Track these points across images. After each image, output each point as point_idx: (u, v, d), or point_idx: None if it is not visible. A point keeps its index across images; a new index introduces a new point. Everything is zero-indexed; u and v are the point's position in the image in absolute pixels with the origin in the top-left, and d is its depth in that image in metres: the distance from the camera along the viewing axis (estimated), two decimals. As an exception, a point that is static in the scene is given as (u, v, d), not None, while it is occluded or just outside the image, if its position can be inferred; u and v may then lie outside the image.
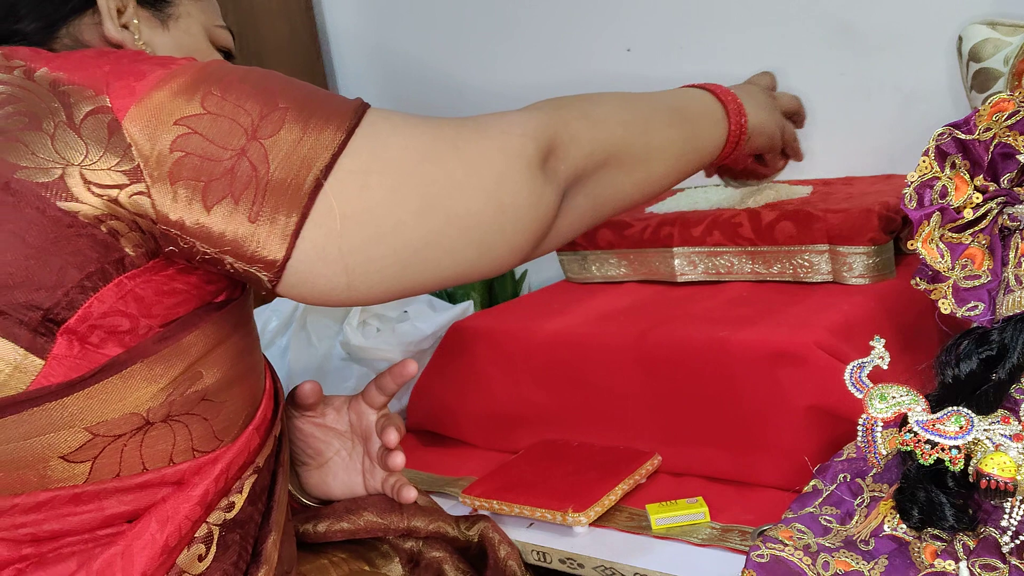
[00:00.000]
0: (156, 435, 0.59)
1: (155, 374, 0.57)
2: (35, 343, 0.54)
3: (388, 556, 0.80)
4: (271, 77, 0.59)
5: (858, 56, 1.19)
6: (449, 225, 0.60)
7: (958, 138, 0.72)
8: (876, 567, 0.60)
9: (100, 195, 0.54)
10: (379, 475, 0.83)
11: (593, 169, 0.69)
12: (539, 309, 1.07)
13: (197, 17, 0.74)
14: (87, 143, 0.54)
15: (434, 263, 0.61)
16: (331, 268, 0.58)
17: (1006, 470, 0.56)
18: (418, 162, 0.59)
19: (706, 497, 0.83)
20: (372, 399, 0.83)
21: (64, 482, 0.57)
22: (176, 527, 0.59)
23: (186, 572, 0.60)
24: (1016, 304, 0.66)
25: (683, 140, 0.78)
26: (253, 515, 0.66)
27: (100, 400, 0.56)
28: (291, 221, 0.55)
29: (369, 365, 1.20)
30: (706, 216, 1.03)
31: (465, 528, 0.82)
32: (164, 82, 0.56)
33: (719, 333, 0.87)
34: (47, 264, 0.53)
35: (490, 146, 0.62)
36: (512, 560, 0.80)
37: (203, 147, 0.54)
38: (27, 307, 0.53)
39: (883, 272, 0.95)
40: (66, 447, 0.56)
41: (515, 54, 1.50)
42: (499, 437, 1.03)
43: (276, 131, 0.56)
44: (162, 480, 0.59)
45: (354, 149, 0.57)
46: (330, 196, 0.56)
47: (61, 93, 0.55)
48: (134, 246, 0.56)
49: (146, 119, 0.54)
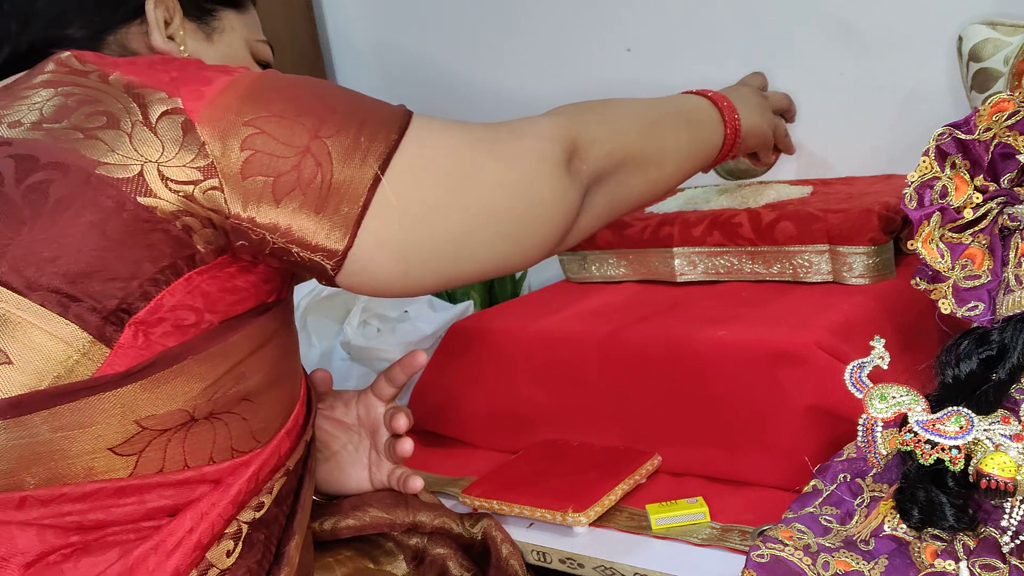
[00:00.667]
0: (198, 432, 0.60)
1: (203, 371, 0.59)
2: (104, 331, 0.56)
3: (392, 554, 0.80)
4: (324, 84, 0.64)
5: (858, 56, 1.19)
6: (489, 219, 0.66)
7: (958, 138, 0.72)
8: (876, 567, 0.60)
9: (176, 191, 0.57)
10: (385, 468, 0.84)
11: (612, 170, 0.74)
12: (539, 309, 1.07)
13: (240, 31, 0.78)
14: (163, 141, 0.57)
15: (475, 255, 0.66)
16: (389, 257, 0.62)
17: (1006, 470, 0.56)
18: (462, 162, 0.65)
19: (706, 497, 0.83)
20: (381, 391, 0.85)
21: (109, 474, 0.58)
22: (210, 524, 0.61)
23: (214, 566, 0.61)
24: (1016, 304, 0.66)
25: (688, 144, 0.84)
26: (278, 517, 0.67)
27: (153, 393, 0.58)
28: (353, 212, 0.60)
29: (369, 365, 1.20)
30: (706, 216, 1.03)
31: (469, 525, 0.83)
32: (230, 87, 0.60)
33: (719, 333, 0.87)
34: (124, 256, 0.56)
35: (523, 148, 0.68)
36: (514, 560, 0.81)
37: (271, 146, 0.59)
38: (103, 296, 0.56)
39: (883, 272, 0.95)
40: (115, 439, 0.57)
41: (516, 55, 1.50)
42: (499, 437, 1.03)
43: (336, 131, 0.60)
44: (202, 478, 0.61)
45: (405, 149, 0.62)
46: (387, 190, 0.61)
47: (136, 95, 0.58)
48: (205, 242, 0.59)
49: (217, 120, 0.58)
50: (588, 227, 0.75)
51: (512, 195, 0.66)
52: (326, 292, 1.28)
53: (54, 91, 0.59)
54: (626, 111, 0.79)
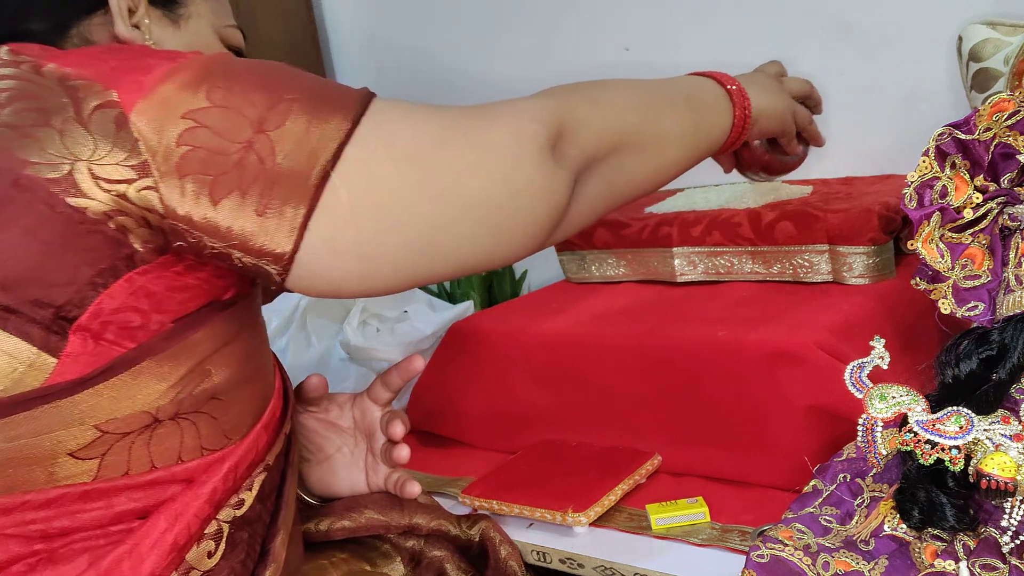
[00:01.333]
0: (164, 433, 0.59)
1: (164, 372, 0.57)
2: (48, 342, 0.54)
3: (389, 556, 0.80)
4: (277, 69, 0.59)
5: (858, 56, 1.19)
6: (463, 210, 0.59)
7: (958, 138, 0.72)
8: (876, 567, 0.60)
9: (108, 190, 0.54)
10: (382, 472, 0.83)
11: (605, 154, 0.69)
12: (539, 309, 1.07)
13: (207, 17, 0.74)
14: (95, 138, 0.54)
15: (450, 250, 0.60)
16: (341, 258, 0.57)
17: (1006, 470, 0.56)
18: (428, 148, 0.59)
19: (706, 497, 0.83)
20: (377, 395, 0.84)
21: (72, 479, 0.57)
22: (185, 525, 0.59)
23: (195, 568, 0.60)
24: (1016, 304, 0.66)
25: (691, 124, 0.78)
26: (262, 514, 0.66)
27: (110, 397, 0.56)
28: (299, 213, 0.55)
29: (369, 365, 1.20)
30: (705, 216, 1.03)
31: (466, 527, 0.83)
32: (170, 76, 0.55)
33: (719, 333, 0.87)
34: (58, 261, 0.53)
35: (501, 131, 0.61)
36: (513, 560, 0.80)
37: (210, 140, 0.54)
38: (38, 304, 0.53)
39: (883, 272, 0.95)
40: (74, 444, 0.56)
41: (515, 50, 1.50)
42: (499, 437, 1.03)
43: (282, 123, 0.55)
44: (172, 478, 0.59)
45: (361, 138, 0.57)
46: (338, 186, 0.56)
47: (70, 88, 0.55)
48: (143, 242, 0.55)
49: (153, 113, 0.54)
50: (582, 217, 0.69)
51: (489, 183, 0.60)
52: (326, 292, 1.28)
53: None
54: (621, 92, 0.73)
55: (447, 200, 0.59)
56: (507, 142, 0.61)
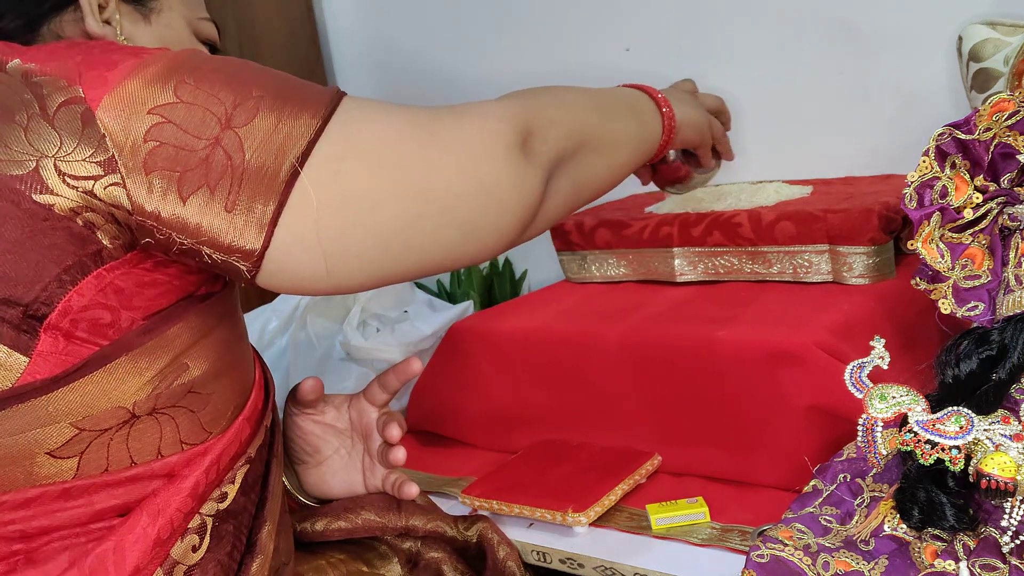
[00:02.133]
0: (142, 428, 0.58)
1: (140, 367, 0.57)
2: (19, 341, 0.54)
3: (386, 557, 0.80)
4: (246, 66, 0.59)
5: (858, 56, 1.19)
6: (428, 207, 0.60)
7: (958, 138, 0.72)
8: (876, 567, 0.60)
9: (75, 187, 0.53)
10: (379, 473, 0.83)
11: (572, 151, 0.70)
12: (539, 309, 1.07)
13: (179, 10, 0.74)
14: (61, 134, 0.53)
15: (416, 247, 0.60)
16: (310, 255, 0.57)
17: (1006, 470, 0.56)
18: (393, 145, 0.59)
19: (706, 497, 0.83)
20: (374, 397, 0.84)
21: (51, 478, 0.56)
22: (168, 520, 0.59)
23: (180, 563, 0.60)
24: (1016, 304, 0.66)
25: (637, 128, 0.81)
26: (247, 506, 0.66)
27: (85, 395, 0.56)
28: (268, 210, 0.55)
29: (369, 365, 1.20)
30: (706, 216, 1.03)
31: (464, 528, 0.82)
32: (137, 71, 0.55)
33: (719, 333, 0.87)
34: (24, 259, 0.53)
35: (467, 129, 0.62)
36: (511, 560, 0.80)
37: (177, 137, 0.54)
38: (6, 303, 0.53)
39: (883, 272, 0.95)
40: (52, 443, 0.56)
41: (515, 53, 1.50)
42: (499, 437, 1.03)
43: (250, 119, 0.55)
44: (152, 473, 0.59)
45: (329, 136, 0.57)
46: (306, 183, 0.56)
47: (34, 84, 0.54)
48: (111, 238, 0.55)
49: (119, 109, 0.54)
50: (554, 214, 0.70)
51: (456, 181, 0.60)
52: (326, 292, 1.28)
53: None
54: (577, 95, 0.76)
55: (414, 198, 0.59)
56: (472, 139, 0.62)
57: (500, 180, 0.62)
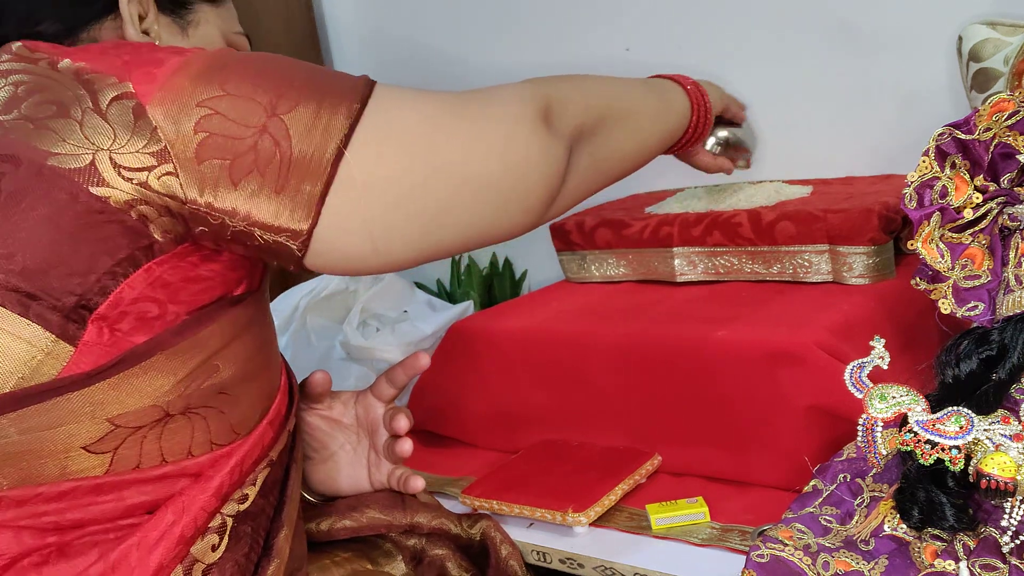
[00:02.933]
0: (175, 427, 0.60)
1: (174, 366, 0.59)
2: (66, 329, 0.55)
3: (391, 554, 0.80)
4: (283, 60, 0.62)
5: (858, 56, 1.19)
6: (463, 186, 0.63)
7: (958, 138, 0.72)
8: (876, 567, 0.60)
9: (130, 179, 0.55)
10: (385, 468, 0.84)
11: (592, 126, 0.74)
12: (539, 309, 1.07)
13: (215, 23, 0.77)
14: (114, 128, 0.55)
15: (452, 225, 0.64)
16: (356, 236, 0.60)
17: (1006, 470, 0.56)
18: (427, 130, 0.63)
19: (706, 497, 0.83)
20: (381, 392, 0.84)
21: (84, 472, 0.57)
22: (192, 518, 0.60)
23: (200, 561, 0.61)
24: (1016, 304, 0.66)
25: (657, 103, 0.85)
26: (265, 508, 0.67)
27: (122, 391, 0.57)
28: (315, 190, 0.58)
29: (369, 365, 1.20)
30: (706, 216, 1.03)
31: (467, 526, 0.83)
32: (183, 67, 0.58)
33: (719, 333, 0.87)
34: (78, 250, 0.55)
35: (493, 112, 0.66)
36: (513, 560, 0.80)
37: (225, 126, 0.57)
38: (61, 292, 0.55)
39: (883, 272, 0.95)
40: (87, 438, 0.57)
41: (515, 47, 1.50)
42: (499, 437, 1.03)
43: (294, 107, 0.58)
44: (182, 472, 0.61)
45: (368, 121, 0.60)
46: (351, 165, 0.59)
47: (85, 81, 0.56)
48: (163, 231, 0.57)
49: (169, 103, 0.56)
50: (577, 190, 0.73)
51: (489, 157, 0.64)
52: (325, 292, 1.28)
53: (4, 81, 0.57)
54: (594, 79, 0.80)
55: (449, 176, 0.63)
56: (500, 120, 0.65)
57: (527, 155, 0.66)
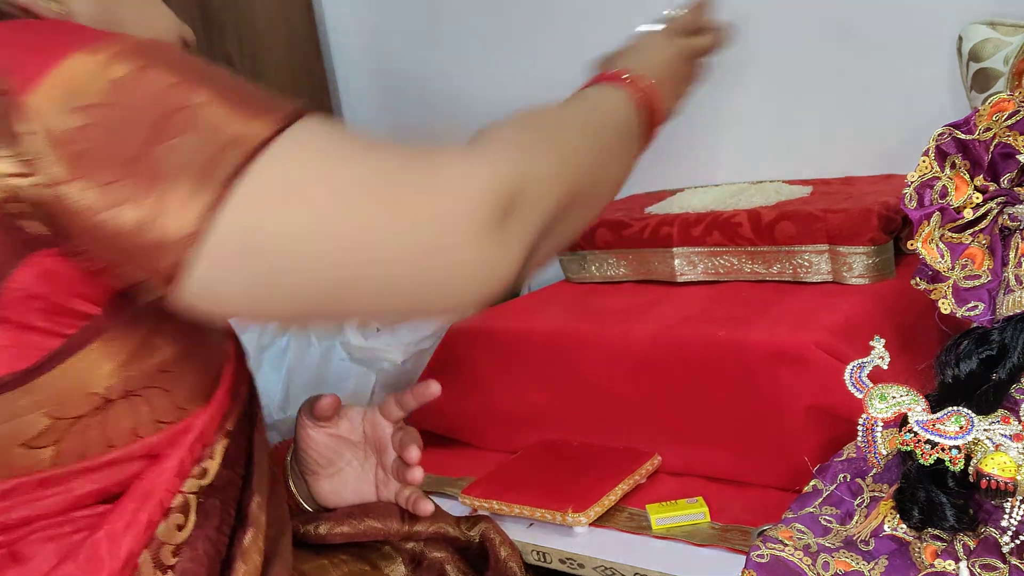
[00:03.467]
0: (117, 412, 0.58)
1: (112, 350, 0.56)
2: None
3: (390, 557, 0.80)
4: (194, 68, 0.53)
5: (858, 56, 1.19)
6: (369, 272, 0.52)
7: (958, 138, 0.72)
8: (876, 567, 0.60)
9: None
10: (393, 487, 0.82)
11: (561, 215, 0.61)
12: (539, 309, 1.07)
13: None
14: None
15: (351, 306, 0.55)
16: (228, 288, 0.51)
17: (1006, 470, 0.56)
18: (344, 192, 0.51)
19: (706, 497, 0.83)
20: (390, 412, 0.83)
21: (28, 469, 0.56)
22: (158, 502, 0.59)
23: (167, 543, 0.59)
24: (1016, 304, 0.66)
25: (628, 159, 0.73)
26: (233, 479, 0.65)
27: (59, 384, 0.54)
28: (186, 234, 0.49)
29: (369, 365, 1.20)
30: (706, 216, 1.03)
31: (466, 528, 0.82)
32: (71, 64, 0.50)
33: (719, 333, 0.87)
34: None
35: (438, 194, 0.52)
36: (513, 561, 0.80)
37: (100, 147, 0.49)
38: None
39: (883, 272, 0.95)
40: (26, 434, 0.55)
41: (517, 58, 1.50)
42: (499, 437, 1.03)
43: (183, 132, 0.49)
44: (131, 455, 0.59)
45: (270, 163, 0.50)
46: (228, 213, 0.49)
47: None
48: (44, 225, 0.51)
49: (45, 106, 0.49)
50: (534, 269, 0.62)
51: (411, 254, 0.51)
52: (326, 292, 1.27)
53: None
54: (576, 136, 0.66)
55: (353, 263, 0.51)
56: (443, 211, 0.51)
57: (461, 263, 0.52)
